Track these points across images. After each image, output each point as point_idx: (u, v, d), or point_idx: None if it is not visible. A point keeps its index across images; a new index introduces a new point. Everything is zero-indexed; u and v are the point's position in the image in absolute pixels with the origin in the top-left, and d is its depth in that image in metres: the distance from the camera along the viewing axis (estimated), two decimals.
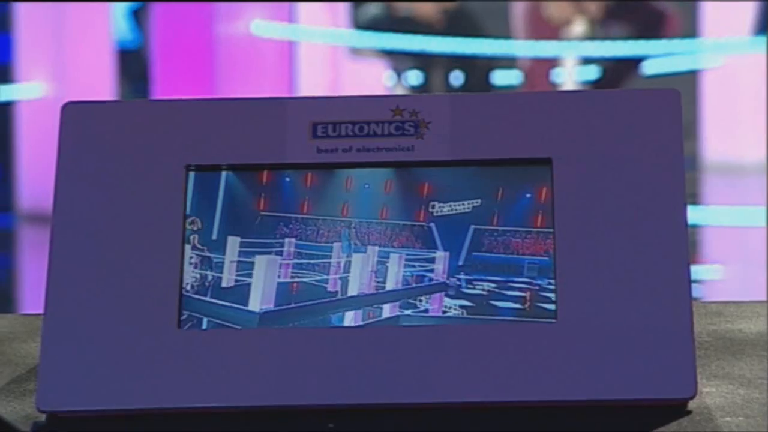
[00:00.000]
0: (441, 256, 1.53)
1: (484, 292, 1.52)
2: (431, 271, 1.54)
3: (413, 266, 1.55)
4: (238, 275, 1.57)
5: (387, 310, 1.54)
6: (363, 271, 1.56)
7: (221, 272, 1.50)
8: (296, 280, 1.49)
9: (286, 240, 1.49)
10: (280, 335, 1.44)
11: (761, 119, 6.11)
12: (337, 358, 1.44)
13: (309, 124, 1.48)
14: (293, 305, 1.54)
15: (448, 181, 1.51)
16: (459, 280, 1.52)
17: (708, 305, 1.65)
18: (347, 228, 1.52)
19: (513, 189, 1.56)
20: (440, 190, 1.55)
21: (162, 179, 1.48)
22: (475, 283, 1.53)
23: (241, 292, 1.55)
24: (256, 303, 1.54)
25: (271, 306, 1.53)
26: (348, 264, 1.57)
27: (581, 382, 1.40)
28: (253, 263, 1.55)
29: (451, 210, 1.50)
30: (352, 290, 1.54)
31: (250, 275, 1.52)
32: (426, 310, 1.54)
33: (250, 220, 1.50)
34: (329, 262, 1.56)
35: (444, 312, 1.53)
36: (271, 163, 1.48)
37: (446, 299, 1.54)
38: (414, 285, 1.53)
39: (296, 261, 1.51)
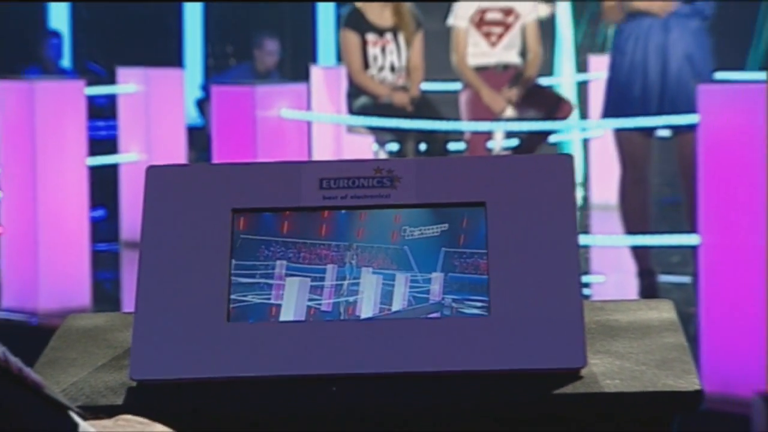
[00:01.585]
0: (437, 276, 1.57)
1: (460, 306, 1.56)
2: (427, 291, 1.56)
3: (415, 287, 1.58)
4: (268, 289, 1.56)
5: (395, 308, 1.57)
6: (377, 287, 1.57)
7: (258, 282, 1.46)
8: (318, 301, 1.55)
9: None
10: (297, 325, 1.42)
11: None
12: (343, 341, 1.42)
13: (318, 180, 1.47)
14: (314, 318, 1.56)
15: (415, 216, 1.56)
16: (444, 299, 1.56)
17: (594, 303, 1.66)
18: (352, 251, 1.58)
19: (457, 222, 1.57)
20: (410, 219, 1.59)
21: (216, 218, 1.47)
22: (458, 301, 1.56)
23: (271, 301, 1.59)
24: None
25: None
26: (355, 282, 1.58)
27: (506, 356, 1.45)
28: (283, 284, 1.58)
29: (421, 234, 1.45)
30: (366, 309, 1.56)
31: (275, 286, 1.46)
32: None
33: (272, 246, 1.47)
34: (342, 283, 1.58)
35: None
36: (291, 206, 1.46)
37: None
38: (416, 305, 1.56)
39: (323, 284, 1.57)
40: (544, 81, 7.32)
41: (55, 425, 1.08)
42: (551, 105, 7.09)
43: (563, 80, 8.45)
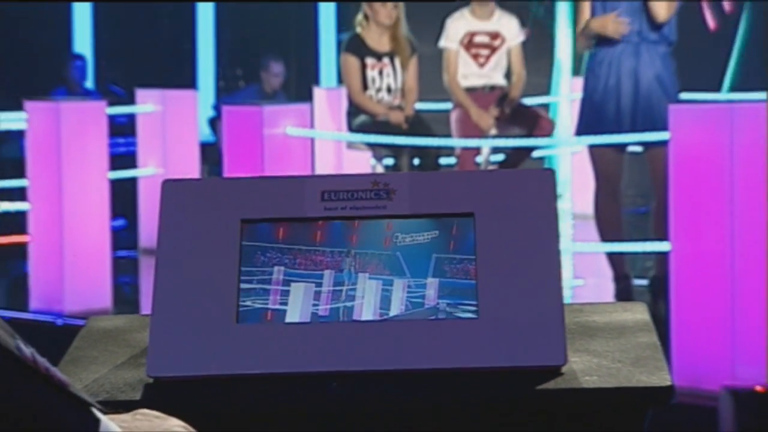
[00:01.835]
0: (432, 282, 1.55)
1: (453, 309, 1.55)
2: (423, 296, 1.56)
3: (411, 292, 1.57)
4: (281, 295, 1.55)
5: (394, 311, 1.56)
6: (376, 291, 1.57)
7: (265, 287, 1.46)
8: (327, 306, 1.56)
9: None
10: (302, 327, 1.42)
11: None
12: (344, 341, 1.41)
13: (320, 192, 1.46)
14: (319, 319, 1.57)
15: (406, 224, 1.57)
16: (439, 303, 1.56)
17: (573, 305, 1.64)
18: (350, 257, 1.47)
19: (447, 229, 1.57)
20: (402, 227, 1.58)
21: (226, 228, 1.46)
22: (452, 305, 1.55)
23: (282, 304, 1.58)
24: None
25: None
26: (353, 287, 1.57)
27: (494, 355, 1.42)
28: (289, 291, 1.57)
29: (413, 240, 1.45)
30: (366, 312, 1.56)
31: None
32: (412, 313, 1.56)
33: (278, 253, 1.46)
34: (342, 289, 1.57)
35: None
36: (295, 217, 1.45)
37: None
38: (413, 309, 1.56)
39: (331, 289, 1.56)
40: (528, 100, 7.33)
41: (79, 421, 1.08)
42: (533, 123, 7.04)
43: (561, 99, 8.45)
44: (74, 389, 1.09)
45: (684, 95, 6.30)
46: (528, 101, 7.37)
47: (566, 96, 8.45)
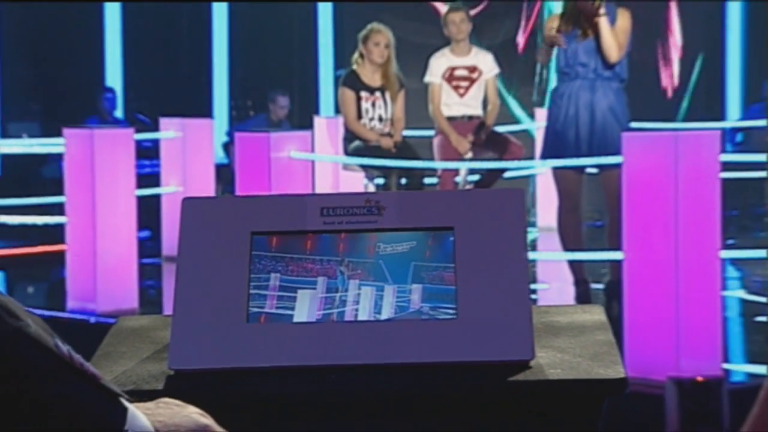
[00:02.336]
0: (417, 288, 1.53)
1: (435, 312, 1.54)
2: (409, 301, 1.54)
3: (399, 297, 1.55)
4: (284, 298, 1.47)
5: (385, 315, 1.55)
6: (370, 297, 1.55)
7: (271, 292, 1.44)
8: (330, 310, 1.54)
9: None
10: (305, 326, 1.40)
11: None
12: (342, 339, 1.40)
13: (320, 208, 1.45)
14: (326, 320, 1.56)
15: (387, 235, 1.55)
16: (423, 307, 1.54)
17: (540, 307, 1.63)
18: (342, 265, 1.46)
19: (424, 241, 1.57)
20: (383, 237, 1.56)
21: (238, 239, 1.44)
22: (434, 308, 1.54)
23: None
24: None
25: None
26: (346, 291, 1.56)
27: (471, 350, 1.38)
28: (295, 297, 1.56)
29: (393, 250, 1.43)
30: (362, 315, 1.54)
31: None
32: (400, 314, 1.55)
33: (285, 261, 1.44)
34: (336, 292, 1.56)
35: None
36: (298, 230, 1.44)
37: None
38: (401, 313, 1.54)
39: (327, 295, 1.55)
40: (499, 128, 7.35)
41: (108, 409, 1.07)
42: (504, 148, 7.05)
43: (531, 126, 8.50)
44: (105, 381, 1.08)
45: (634, 124, 6.33)
46: (500, 129, 7.40)
47: (534, 124, 8.48)
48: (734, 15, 11.06)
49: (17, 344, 1.02)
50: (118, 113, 10.16)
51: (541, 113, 7.80)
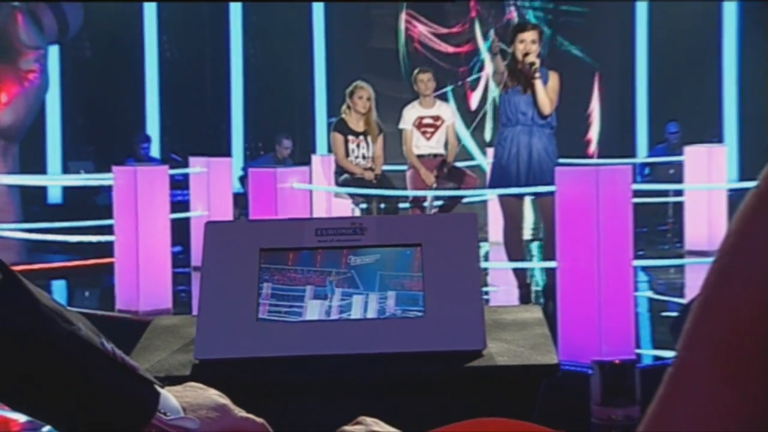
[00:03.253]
0: (392, 295, 1.48)
1: (407, 313, 1.50)
2: (386, 305, 1.50)
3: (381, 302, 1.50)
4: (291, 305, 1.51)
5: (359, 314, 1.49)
6: (361, 303, 1.51)
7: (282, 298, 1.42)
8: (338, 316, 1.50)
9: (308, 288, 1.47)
10: (306, 324, 1.38)
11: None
12: (335, 334, 1.38)
13: (315, 229, 1.43)
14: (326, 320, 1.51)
15: (370, 252, 1.48)
16: (396, 310, 1.49)
17: (490, 307, 1.63)
18: (333, 277, 1.44)
19: (388, 255, 1.52)
20: (354, 250, 1.50)
21: (250, 254, 1.42)
22: (405, 310, 1.49)
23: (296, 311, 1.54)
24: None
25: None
26: (336, 296, 1.53)
27: (434, 341, 1.36)
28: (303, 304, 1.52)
29: (362, 261, 1.40)
30: (355, 312, 1.50)
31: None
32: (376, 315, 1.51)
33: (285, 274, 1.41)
34: (331, 301, 1.52)
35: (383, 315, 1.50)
36: (297, 247, 1.42)
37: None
38: (380, 314, 1.50)
39: (338, 302, 1.50)
40: (458, 163, 7.38)
41: (143, 394, 1.07)
42: (462, 179, 7.12)
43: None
44: (142, 371, 1.07)
45: (563, 160, 6.36)
46: (458, 164, 7.44)
47: (486, 160, 8.51)
48: (642, 71, 11.21)
49: (71, 344, 1.02)
50: (155, 153, 10.14)
51: (490, 151, 7.84)
